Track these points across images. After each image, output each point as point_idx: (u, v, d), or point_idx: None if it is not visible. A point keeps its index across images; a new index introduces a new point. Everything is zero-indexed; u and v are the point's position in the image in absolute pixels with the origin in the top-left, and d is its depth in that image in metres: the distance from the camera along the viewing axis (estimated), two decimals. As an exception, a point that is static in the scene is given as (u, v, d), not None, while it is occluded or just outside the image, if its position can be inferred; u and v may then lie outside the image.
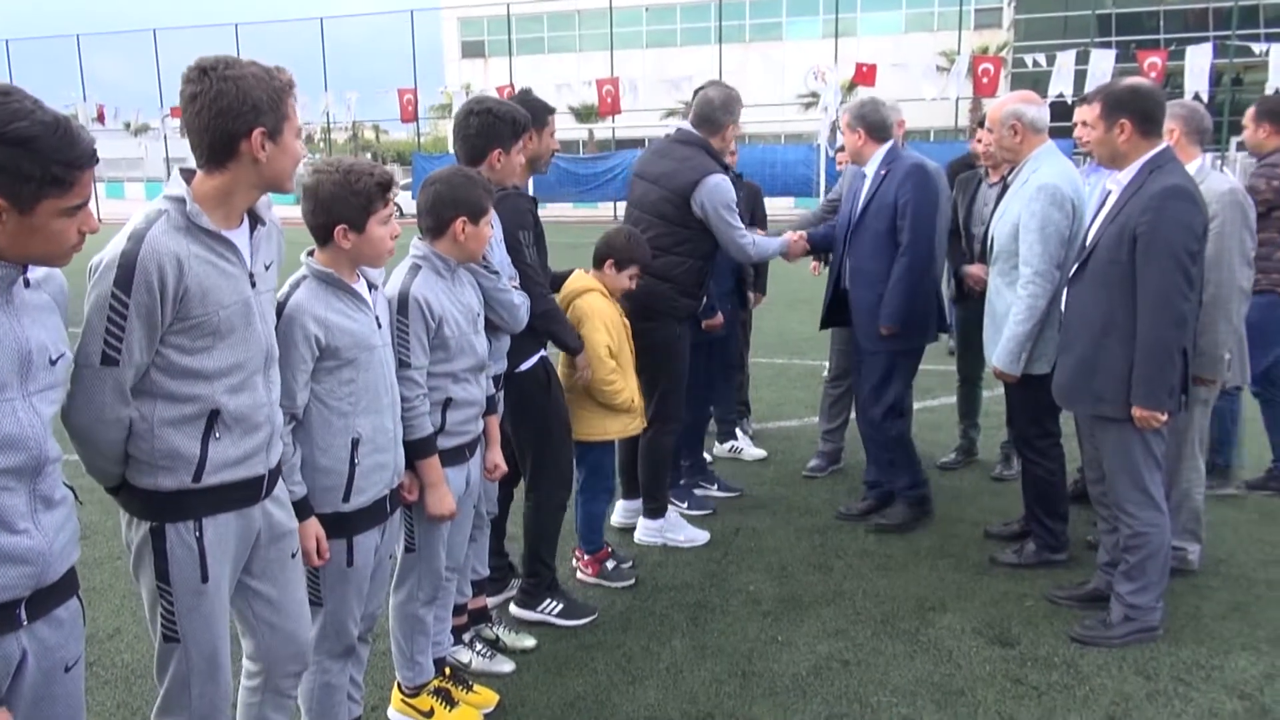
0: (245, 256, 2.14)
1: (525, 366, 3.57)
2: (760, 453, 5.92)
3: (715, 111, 4.30)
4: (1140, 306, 3.31)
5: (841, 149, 5.18)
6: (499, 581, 3.98)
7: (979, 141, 5.03)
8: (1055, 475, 4.20)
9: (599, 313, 3.85)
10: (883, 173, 4.46)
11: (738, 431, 5.97)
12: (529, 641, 3.59)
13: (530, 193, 3.76)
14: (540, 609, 3.78)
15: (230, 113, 2.01)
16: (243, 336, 2.12)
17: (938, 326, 4.72)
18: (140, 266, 1.94)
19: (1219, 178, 3.98)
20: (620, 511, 4.77)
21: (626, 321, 4.04)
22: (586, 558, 4.18)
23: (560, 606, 3.80)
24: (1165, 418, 3.36)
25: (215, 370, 2.08)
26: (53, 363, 1.75)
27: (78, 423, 1.99)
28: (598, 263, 3.98)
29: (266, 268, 2.22)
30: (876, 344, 4.54)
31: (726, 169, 4.38)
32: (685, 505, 4.95)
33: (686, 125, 4.38)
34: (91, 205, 1.76)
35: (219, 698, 2.23)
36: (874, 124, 4.50)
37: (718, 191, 4.18)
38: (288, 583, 2.35)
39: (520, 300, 3.21)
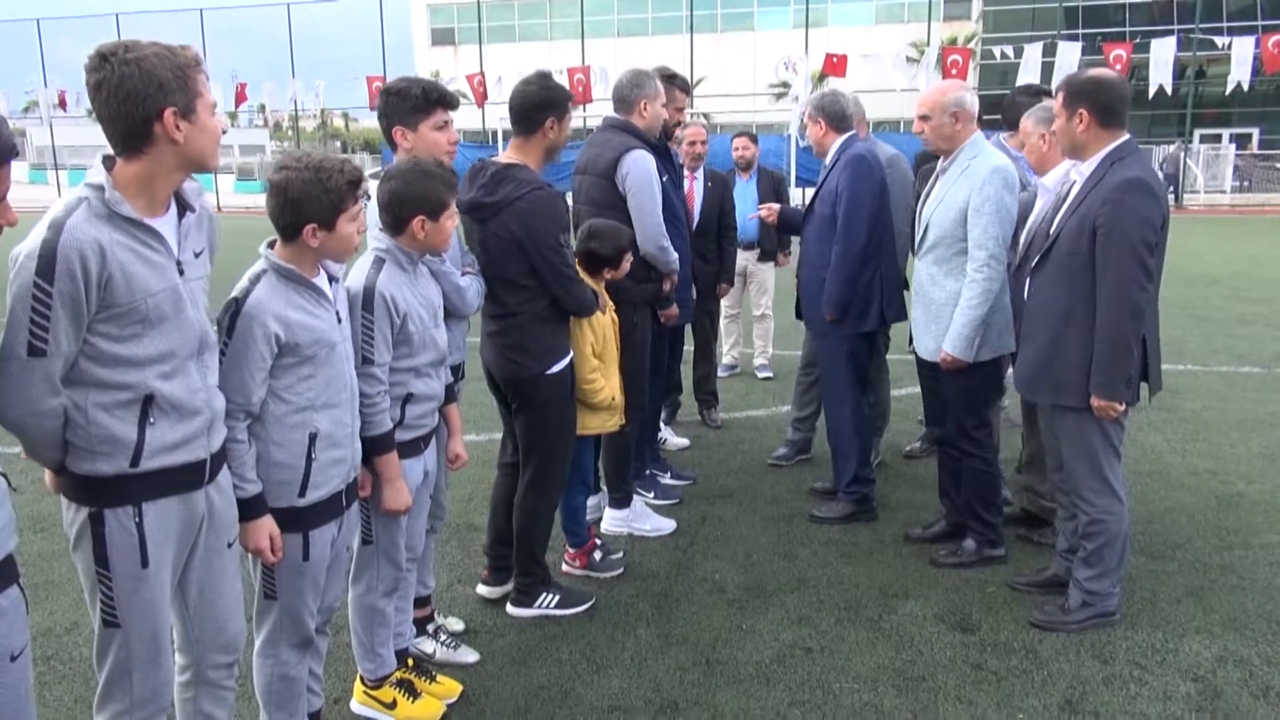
0: (172, 244, 2.09)
1: (556, 369, 3.56)
2: (683, 441, 5.90)
3: (625, 90, 4.30)
4: (1099, 298, 3.33)
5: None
6: (503, 571, 3.92)
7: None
8: (992, 466, 4.18)
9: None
10: (831, 163, 4.54)
11: (660, 423, 5.83)
12: (470, 657, 3.47)
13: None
14: (538, 604, 3.76)
15: (137, 96, 1.96)
16: (174, 324, 2.08)
17: (891, 314, 4.63)
18: (61, 255, 1.90)
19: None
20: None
21: (616, 317, 4.02)
22: (572, 551, 4.16)
23: (556, 598, 3.79)
24: (1123, 408, 3.40)
25: (145, 357, 2.04)
26: None
27: (10, 416, 1.96)
28: (595, 270, 3.90)
29: (196, 255, 2.18)
30: (822, 328, 4.64)
31: (654, 148, 4.30)
32: (651, 495, 4.96)
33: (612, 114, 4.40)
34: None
35: (161, 683, 2.22)
36: (833, 114, 4.53)
37: (639, 164, 4.13)
38: (221, 571, 2.33)
39: (466, 283, 3.18)
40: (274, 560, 2.45)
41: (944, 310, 4.00)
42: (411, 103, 3.13)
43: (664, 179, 4.61)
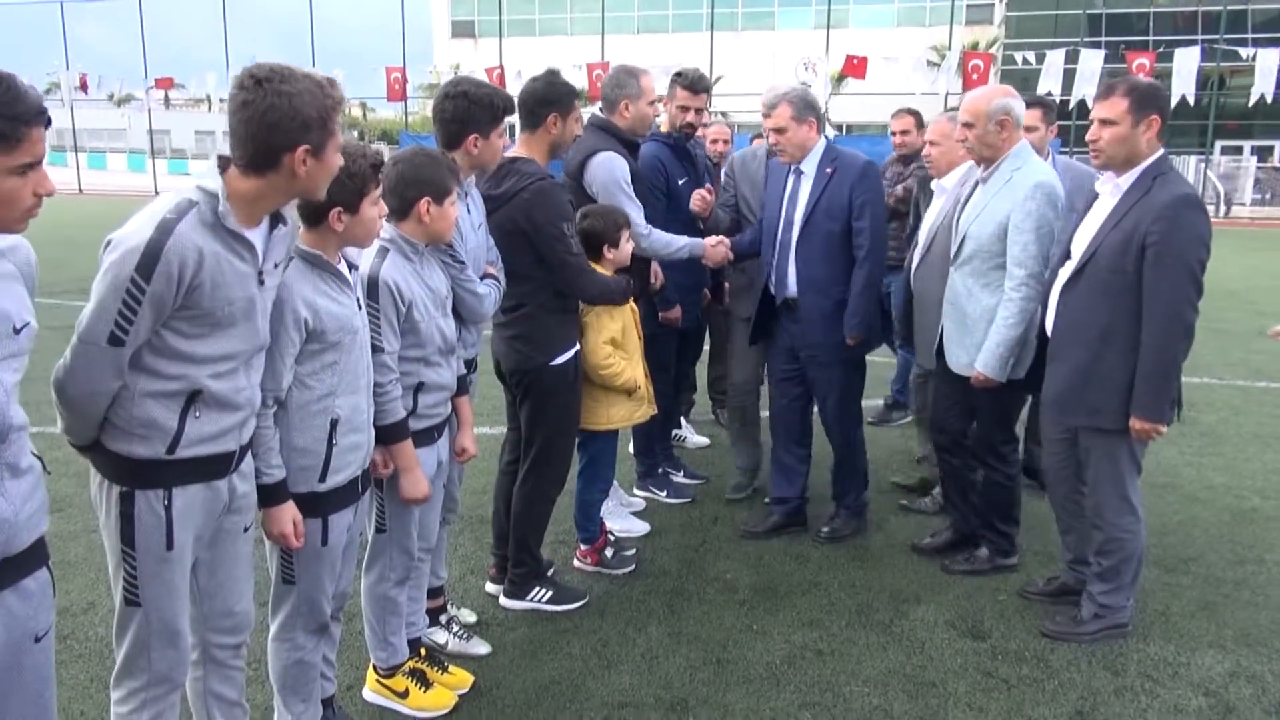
0: (259, 255, 2.15)
1: (559, 361, 3.57)
2: (703, 440, 5.92)
3: (607, 89, 4.22)
4: (1147, 317, 3.24)
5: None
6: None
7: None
8: (1014, 480, 4.11)
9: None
10: (828, 170, 4.12)
11: (681, 420, 5.95)
12: (482, 649, 3.49)
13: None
14: (530, 598, 3.78)
15: (279, 128, 2.02)
16: (241, 330, 2.14)
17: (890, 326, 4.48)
18: (165, 258, 1.95)
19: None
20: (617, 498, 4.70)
21: (635, 307, 4.01)
22: (584, 548, 4.16)
23: (549, 593, 3.80)
24: (1165, 430, 3.34)
25: (205, 356, 2.10)
26: (16, 331, 1.73)
27: (72, 394, 2.01)
28: (596, 253, 3.85)
29: (276, 265, 2.24)
30: (832, 355, 4.25)
31: (635, 147, 4.24)
32: (665, 494, 4.96)
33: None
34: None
35: (176, 663, 2.26)
36: (820, 112, 4.14)
37: (602, 169, 4.06)
38: (236, 554, 2.37)
39: (485, 291, 3.17)
40: (297, 545, 2.47)
41: (978, 324, 3.84)
42: (492, 113, 3.15)
43: (681, 181, 4.58)
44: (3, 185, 1.63)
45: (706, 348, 5.99)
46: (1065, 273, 3.49)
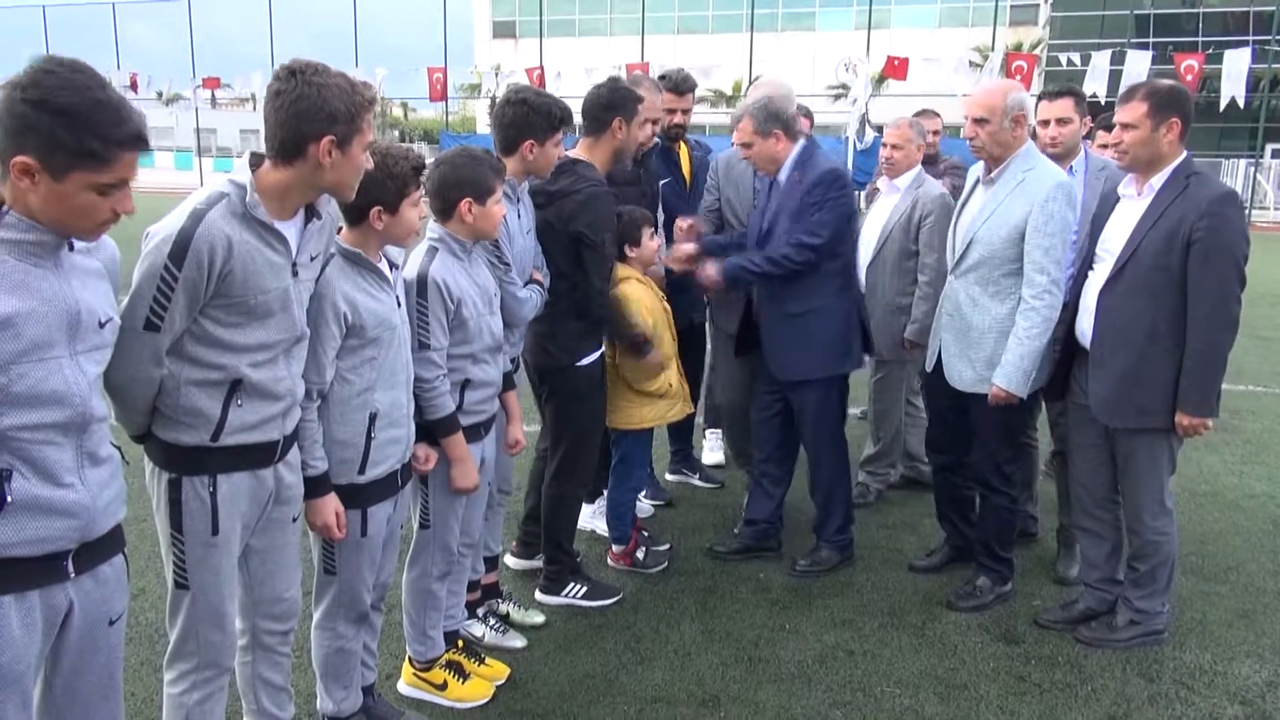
0: (293, 247, 2.23)
1: (586, 361, 3.62)
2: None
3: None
4: (1194, 313, 3.24)
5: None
6: (530, 546, 4.05)
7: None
8: (1016, 503, 3.91)
9: (636, 299, 3.84)
10: (796, 177, 3.92)
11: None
12: (538, 618, 3.66)
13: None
14: (565, 593, 3.84)
15: (306, 116, 2.11)
16: (277, 320, 2.22)
17: (863, 347, 4.21)
18: (194, 245, 2.03)
19: (933, 183, 4.71)
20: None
21: (667, 305, 4.04)
22: (616, 550, 4.19)
23: (584, 589, 3.85)
24: (1211, 425, 3.33)
25: (243, 345, 2.18)
26: (101, 325, 1.83)
27: (114, 379, 2.09)
28: (619, 253, 3.90)
29: (312, 259, 2.31)
30: (797, 374, 4.04)
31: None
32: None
33: None
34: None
35: (224, 647, 2.35)
36: (788, 121, 3.91)
37: None
38: (284, 543, 2.45)
39: (526, 295, 3.24)
40: (339, 536, 2.55)
41: (985, 336, 3.64)
42: (549, 121, 3.22)
43: (663, 181, 4.54)
44: (80, 199, 1.71)
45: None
46: (1101, 275, 3.45)
